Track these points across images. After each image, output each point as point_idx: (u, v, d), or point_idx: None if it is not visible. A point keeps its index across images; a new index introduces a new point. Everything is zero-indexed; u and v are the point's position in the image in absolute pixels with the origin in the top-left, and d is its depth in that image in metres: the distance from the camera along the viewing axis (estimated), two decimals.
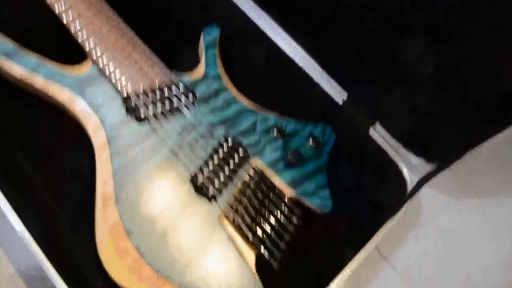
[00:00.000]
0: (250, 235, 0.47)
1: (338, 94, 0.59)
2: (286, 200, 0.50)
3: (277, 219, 0.49)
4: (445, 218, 0.64)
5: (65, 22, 0.52)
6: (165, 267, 0.44)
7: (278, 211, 0.49)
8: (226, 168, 0.51)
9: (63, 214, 0.49)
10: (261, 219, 0.48)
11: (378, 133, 0.57)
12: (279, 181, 0.52)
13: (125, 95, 0.51)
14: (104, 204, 0.46)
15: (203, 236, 0.46)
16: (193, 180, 0.49)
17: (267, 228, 0.48)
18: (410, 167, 0.55)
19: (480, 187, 0.70)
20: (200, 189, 0.48)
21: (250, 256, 0.47)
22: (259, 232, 0.48)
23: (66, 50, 0.53)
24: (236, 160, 0.52)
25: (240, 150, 0.53)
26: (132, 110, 0.51)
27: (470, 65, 0.48)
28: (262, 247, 0.47)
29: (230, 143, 0.53)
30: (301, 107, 0.60)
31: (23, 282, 0.53)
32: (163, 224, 0.46)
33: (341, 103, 0.58)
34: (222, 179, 0.50)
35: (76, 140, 0.51)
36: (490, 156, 0.68)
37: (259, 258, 0.47)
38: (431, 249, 0.61)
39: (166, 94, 0.53)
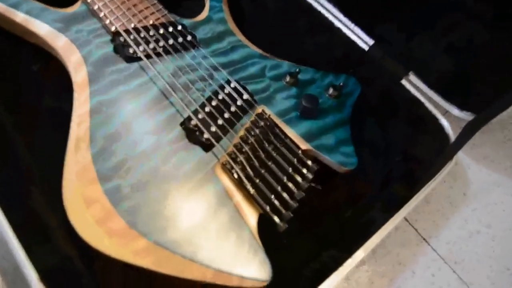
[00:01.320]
0: (252, 189, 0.38)
1: (362, 41, 0.50)
2: (298, 152, 0.41)
3: (287, 174, 0.39)
4: (496, 197, 0.52)
5: None
6: (142, 221, 0.35)
7: (289, 164, 0.40)
8: (226, 113, 0.42)
9: (30, 159, 0.41)
10: (267, 172, 0.39)
11: (413, 85, 0.47)
12: (291, 133, 0.43)
13: (114, 30, 0.44)
14: (76, 147, 0.38)
15: (193, 187, 0.37)
16: (185, 123, 0.40)
17: (274, 183, 0.39)
18: (452, 120, 0.44)
19: None
20: (192, 133, 0.40)
21: (252, 215, 0.37)
22: (264, 187, 0.38)
23: None
24: (239, 104, 0.43)
25: (245, 94, 0.44)
26: (121, 47, 0.44)
27: None
28: (266, 204, 0.37)
29: (232, 86, 0.44)
30: (320, 57, 0.51)
31: None
32: (144, 171, 0.37)
33: (367, 49, 0.49)
34: (220, 124, 0.41)
35: (53, 82, 0.45)
36: None
37: (262, 218, 0.37)
38: (481, 232, 0.50)
39: (161, 33, 0.46)
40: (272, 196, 0.38)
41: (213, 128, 0.40)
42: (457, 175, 0.53)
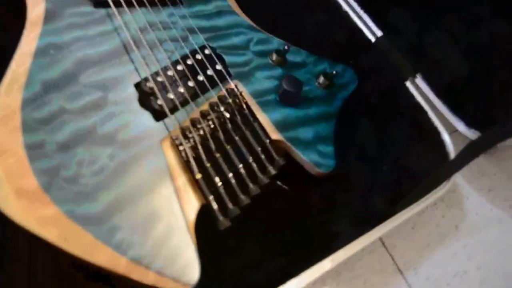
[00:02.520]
0: (199, 173, 0.32)
1: (370, 31, 0.43)
2: (266, 141, 0.35)
3: (245, 163, 0.33)
4: (494, 236, 0.45)
5: None
6: (58, 186, 0.29)
7: (251, 153, 0.34)
8: (191, 82, 0.36)
9: None
10: (222, 157, 0.33)
11: (418, 89, 0.40)
12: (262, 118, 0.37)
13: None
14: (9, 87, 0.32)
15: (131, 158, 0.31)
16: (141, 84, 0.34)
17: (228, 172, 0.32)
18: (456, 136, 0.37)
19: None
20: (146, 96, 0.34)
21: (192, 204, 0.31)
22: (214, 173, 0.32)
23: None
24: (209, 74, 0.37)
25: (218, 64, 0.38)
26: None
27: None
28: (211, 194, 0.31)
29: (207, 53, 0.38)
30: (320, 41, 0.45)
31: None
32: (77, 129, 0.31)
33: (373, 40, 0.42)
34: (180, 92, 0.35)
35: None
36: None
37: (204, 209, 0.31)
38: (468, 273, 0.43)
39: None
40: (222, 186, 0.32)
41: (171, 95, 0.34)
42: (453, 204, 0.46)
